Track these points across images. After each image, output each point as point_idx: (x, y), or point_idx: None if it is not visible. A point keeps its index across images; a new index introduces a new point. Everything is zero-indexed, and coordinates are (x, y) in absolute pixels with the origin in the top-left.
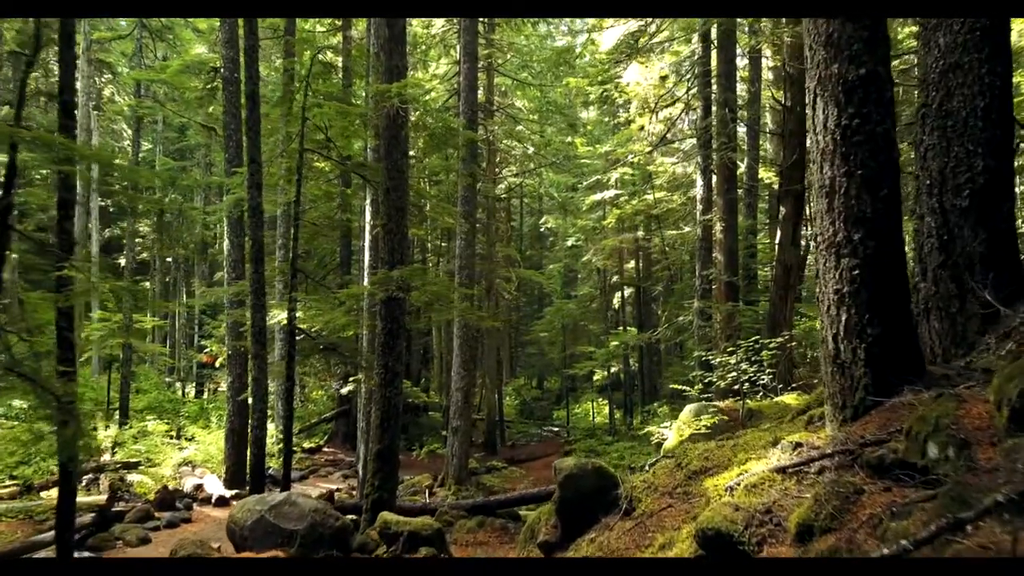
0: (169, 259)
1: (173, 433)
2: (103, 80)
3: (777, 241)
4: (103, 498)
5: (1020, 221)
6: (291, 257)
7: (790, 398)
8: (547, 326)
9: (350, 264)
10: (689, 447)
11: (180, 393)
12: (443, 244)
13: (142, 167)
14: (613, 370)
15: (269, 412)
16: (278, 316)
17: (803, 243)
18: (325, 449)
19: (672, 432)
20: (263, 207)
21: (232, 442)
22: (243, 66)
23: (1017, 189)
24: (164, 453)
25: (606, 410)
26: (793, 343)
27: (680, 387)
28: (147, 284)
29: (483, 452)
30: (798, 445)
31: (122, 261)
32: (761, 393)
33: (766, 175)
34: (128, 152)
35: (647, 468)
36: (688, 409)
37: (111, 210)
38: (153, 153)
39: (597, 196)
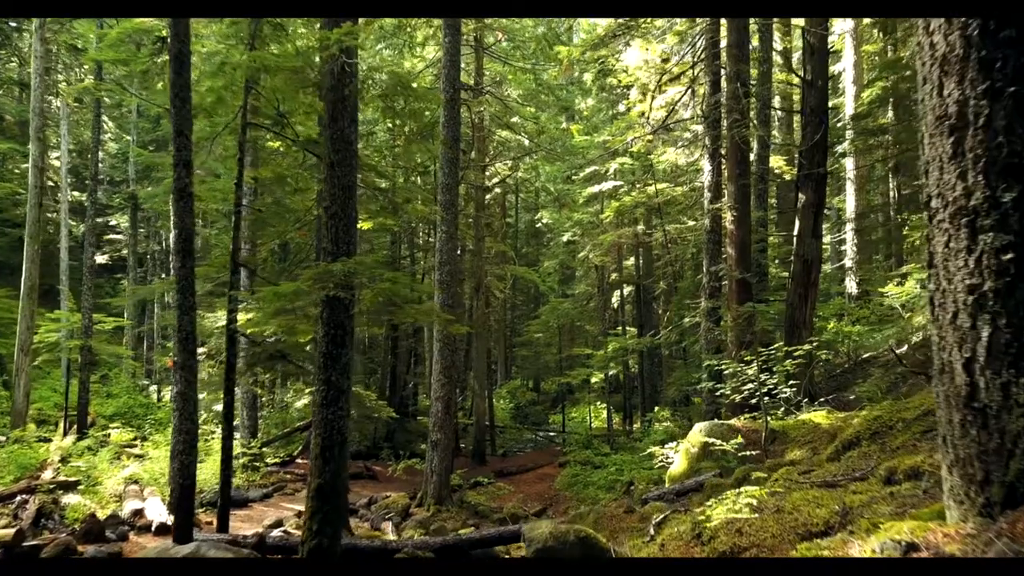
0: (148, 256)
1: (138, 443)
2: (83, 70)
3: (795, 232)
4: (26, 528)
5: None
6: (232, 250)
7: (819, 416)
8: (542, 326)
9: None
10: (712, 508)
11: (155, 397)
12: (432, 239)
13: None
14: (612, 372)
15: (235, 422)
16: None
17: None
18: (299, 461)
19: (679, 456)
20: (193, 190)
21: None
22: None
23: None
24: (108, 471)
25: (604, 414)
26: (824, 351)
27: (678, 420)
28: (124, 282)
29: (471, 462)
30: (911, 547)
31: (99, 258)
32: (783, 408)
33: (775, 163)
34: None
35: (651, 531)
36: (698, 428)
37: (83, 204)
38: (128, 144)
39: (594, 188)
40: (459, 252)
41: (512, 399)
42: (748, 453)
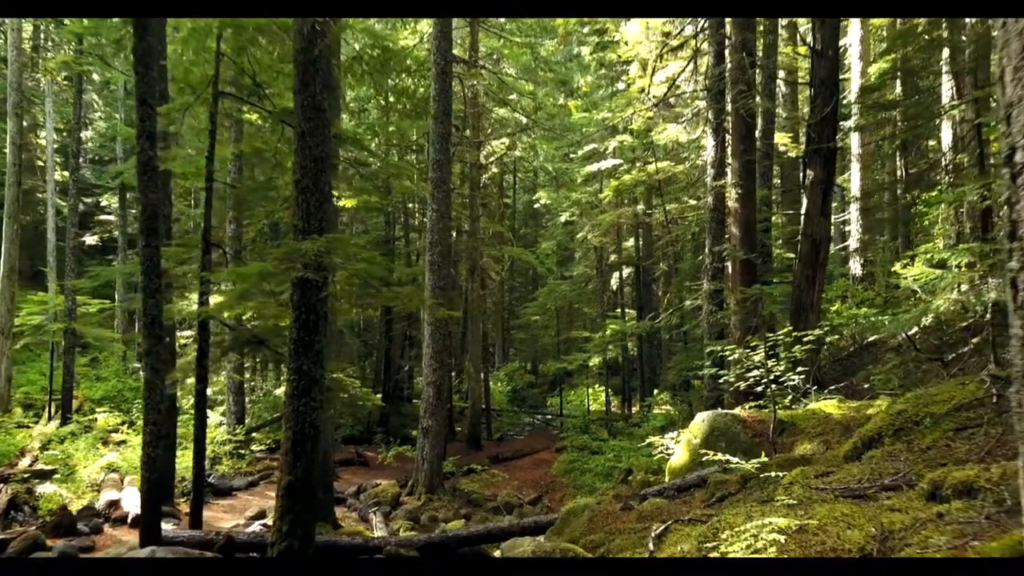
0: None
1: (124, 428)
2: (71, 47)
3: (803, 211)
4: None
5: None
6: (203, 228)
7: (830, 406)
8: (539, 309)
9: None
10: (729, 543)
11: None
12: (427, 220)
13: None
14: (611, 355)
15: (220, 407)
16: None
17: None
18: None
19: (680, 447)
20: (159, 163)
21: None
22: None
23: None
24: (86, 459)
25: (603, 397)
26: (834, 336)
27: (678, 404)
28: (115, 263)
29: (465, 447)
30: None
31: (89, 239)
32: (790, 397)
33: (780, 140)
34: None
35: (649, 545)
36: (700, 418)
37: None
38: (117, 122)
39: (593, 167)
40: (454, 233)
41: (510, 382)
42: (754, 465)
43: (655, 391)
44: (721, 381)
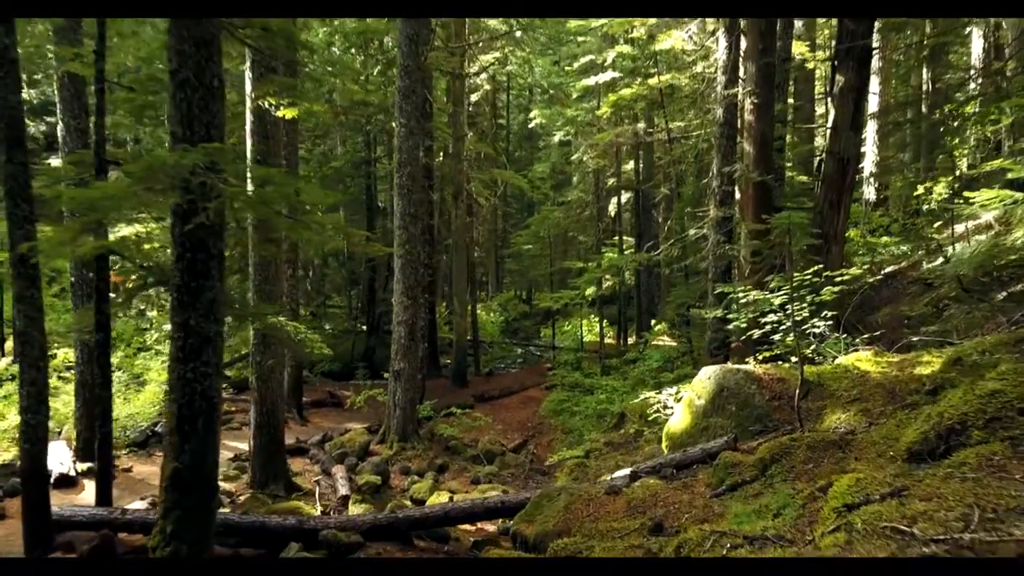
0: None
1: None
2: None
3: (830, 124)
4: None
5: None
6: (95, 142)
7: (864, 360)
8: (532, 237)
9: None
10: None
11: (119, 313)
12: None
13: None
14: (607, 284)
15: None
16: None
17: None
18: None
19: (681, 407)
20: (16, 54)
21: (84, 399)
22: None
23: None
24: (14, 405)
25: (597, 328)
26: (879, 276)
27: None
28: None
29: (450, 384)
30: None
31: (55, 161)
32: (812, 347)
33: (796, 49)
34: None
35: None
36: (706, 374)
37: (34, 101)
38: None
39: (590, 80)
40: (441, 155)
41: (503, 312)
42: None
43: (652, 322)
44: (730, 326)
